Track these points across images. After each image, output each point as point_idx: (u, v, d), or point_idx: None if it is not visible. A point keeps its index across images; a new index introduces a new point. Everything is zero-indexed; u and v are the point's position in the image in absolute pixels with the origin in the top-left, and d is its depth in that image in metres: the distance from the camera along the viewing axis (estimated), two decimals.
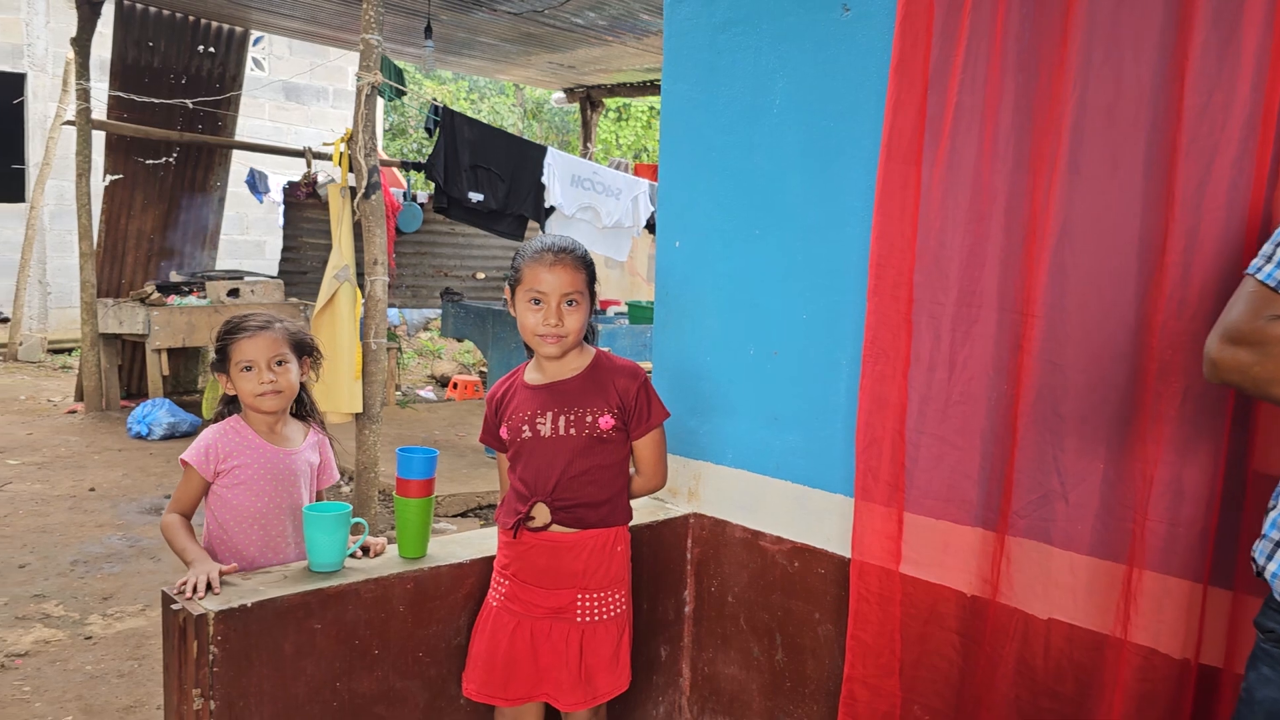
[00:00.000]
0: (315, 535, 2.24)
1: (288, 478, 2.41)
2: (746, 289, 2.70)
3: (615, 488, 2.28)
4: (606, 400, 2.23)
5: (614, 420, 2.22)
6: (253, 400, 2.37)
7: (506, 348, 6.79)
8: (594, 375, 2.26)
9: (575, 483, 2.23)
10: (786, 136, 2.59)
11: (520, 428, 2.26)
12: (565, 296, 2.19)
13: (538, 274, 2.21)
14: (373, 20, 4.65)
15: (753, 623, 2.70)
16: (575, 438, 2.22)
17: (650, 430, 2.28)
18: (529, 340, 2.27)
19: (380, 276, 4.82)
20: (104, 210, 8.25)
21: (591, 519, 2.24)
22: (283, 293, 8.17)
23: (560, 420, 2.22)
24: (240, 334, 2.38)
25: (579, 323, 2.21)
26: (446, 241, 9.61)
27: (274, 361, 2.37)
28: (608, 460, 2.25)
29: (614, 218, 6.09)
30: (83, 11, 7.31)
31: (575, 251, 2.26)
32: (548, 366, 2.29)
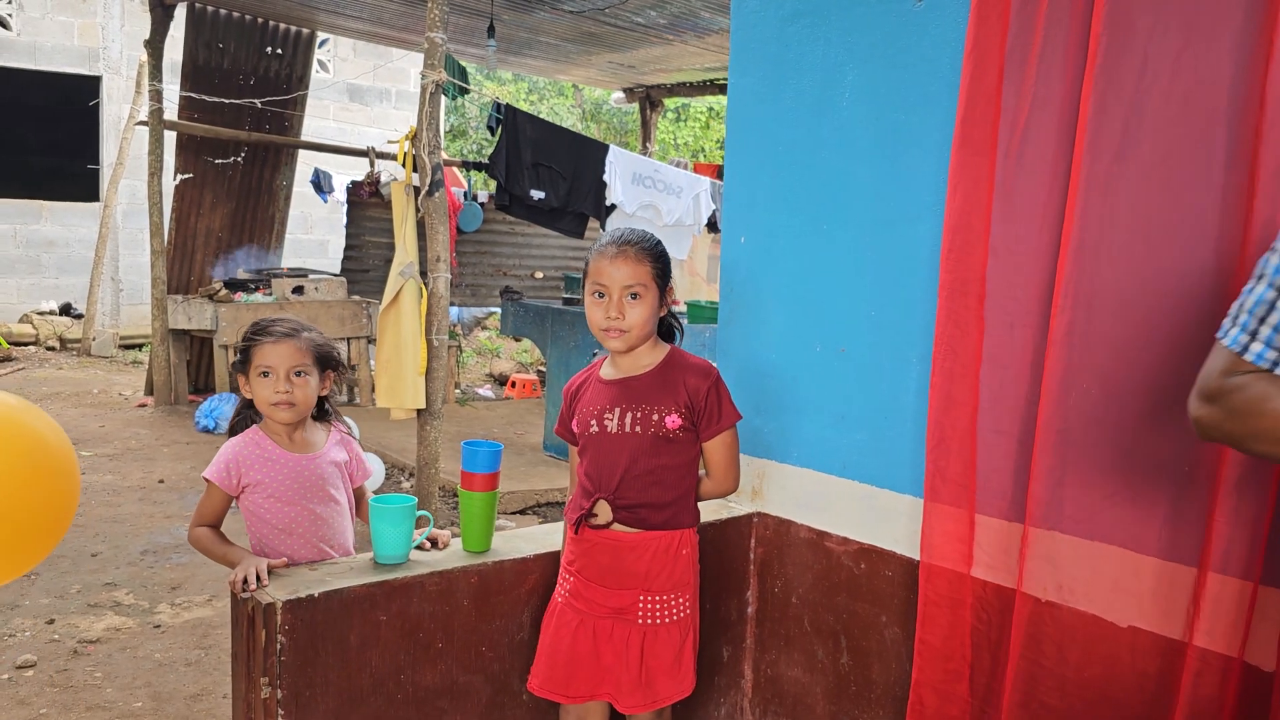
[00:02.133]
0: (381, 527, 2.24)
1: (314, 483, 2.39)
2: (814, 285, 2.66)
3: (681, 489, 2.25)
4: (675, 399, 2.20)
5: (681, 420, 2.19)
6: (266, 408, 2.34)
7: (565, 347, 6.80)
8: (665, 373, 2.23)
9: (639, 482, 2.20)
10: (856, 130, 2.55)
11: (589, 422, 2.24)
12: (627, 289, 2.16)
13: (600, 266, 2.19)
14: (437, 19, 4.68)
15: (817, 625, 2.65)
16: (641, 435, 2.19)
17: (720, 432, 2.24)
18: (595, 334, 2.25)
19: (443, 274, 4.85)
20: (174, 209, 8.43)
21: (655, 520, 2.22)
22: (346, 290, 8.27)
23: (627, 417, 2.20)
24: (264, 338, 2.34)
25: (642, 316, 2.18)
26: (506, 241, 9.67)
27: (293, 371, 2.33)
28: (674, 461, 2.22)
29: (675, 215, 6.06)
30: (156, 14, 7.48)
31: (642, 243, 2.22)
32: (620, 362, 2.26)
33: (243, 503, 2.35)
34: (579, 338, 6.69)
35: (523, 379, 9.58)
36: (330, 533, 2.39)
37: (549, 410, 7.03)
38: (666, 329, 2.33)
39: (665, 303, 2.26)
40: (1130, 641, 1.98)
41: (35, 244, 11.06)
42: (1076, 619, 2.04)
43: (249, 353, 2.35)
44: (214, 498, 2.32)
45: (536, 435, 7.53)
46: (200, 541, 2.31)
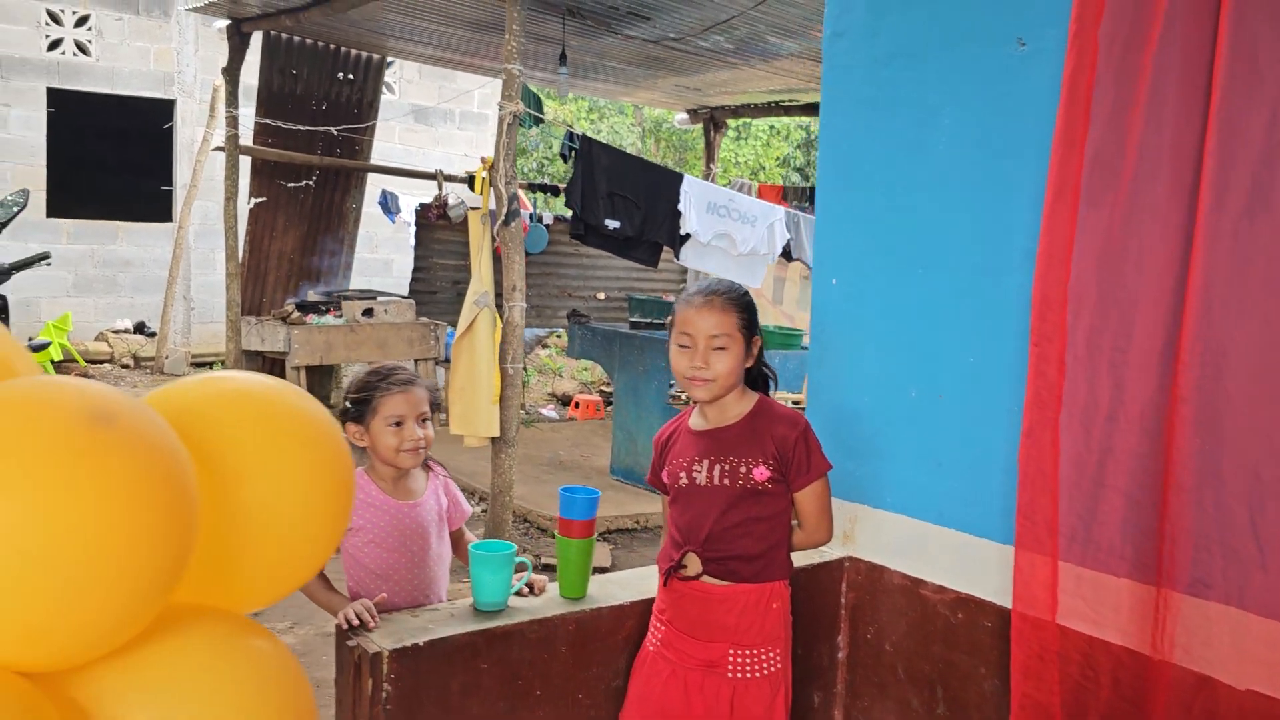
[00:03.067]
0: (481, 574, 2.26)
1: (416, 532, 2.41)
2: (908, 329, 2.63)
3: (771, 541, 2.23)
4: (763, 450, 2.18)
5: (770, 471, 2.17)
6: (394, 456, 2.36)
7: (634, 371, 6.81)
8: (752, 424, 2.22)
9: (728, 534, 2.19)
10: (952, 173, 2.52)
11: (678, 474, 2.24)
12: (713, 339, 2.16)
13: (687, 315, 2.19)
14: (514, 51, 4.73)
15: (912, 673, 2.62)
16: (729, 488, 2.18)
17: (810, 483, 2.22)
18: (680, 383, 2.25)
19: (519, 303, 4.88)
20: (248, 231, 8.60)
21: (745, 573, 2.20)
22: (414, 312, 8.37)
23: (715, 469, 2.19)
24: (392, 389, 2.37)
25: (727, 367, 2.17)
26: (571, 263, 9.72)
27: (421, 418, 2.38)
28: (764, 512, 2.20)
29: (749, 245, 6.06)
30: (233, 42, 7.65)
31: (729, 294, 2.22)
32: (708, 412, 2.26)
33: (344, 545, 2.38)
34: (647, 362, 6.70)
35: (586, 399, 9.61)
36: (428, 580, 2.41)
37: (616, 434, 7.04)
38: (760, 378, 2.32)
39: (752, 353, 2.24)
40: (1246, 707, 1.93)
41: (112, 264, 11.34)
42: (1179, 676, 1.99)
43: (373, 402, 2.37)
44: None
45: (603, 458, 7.54)
46: (307, 586, 2.34)
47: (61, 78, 10.78)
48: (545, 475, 6.99)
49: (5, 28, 10.42)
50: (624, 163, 5.81)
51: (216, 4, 7.03)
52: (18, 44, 10.50)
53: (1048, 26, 2.31)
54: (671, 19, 6.17)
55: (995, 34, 2.41)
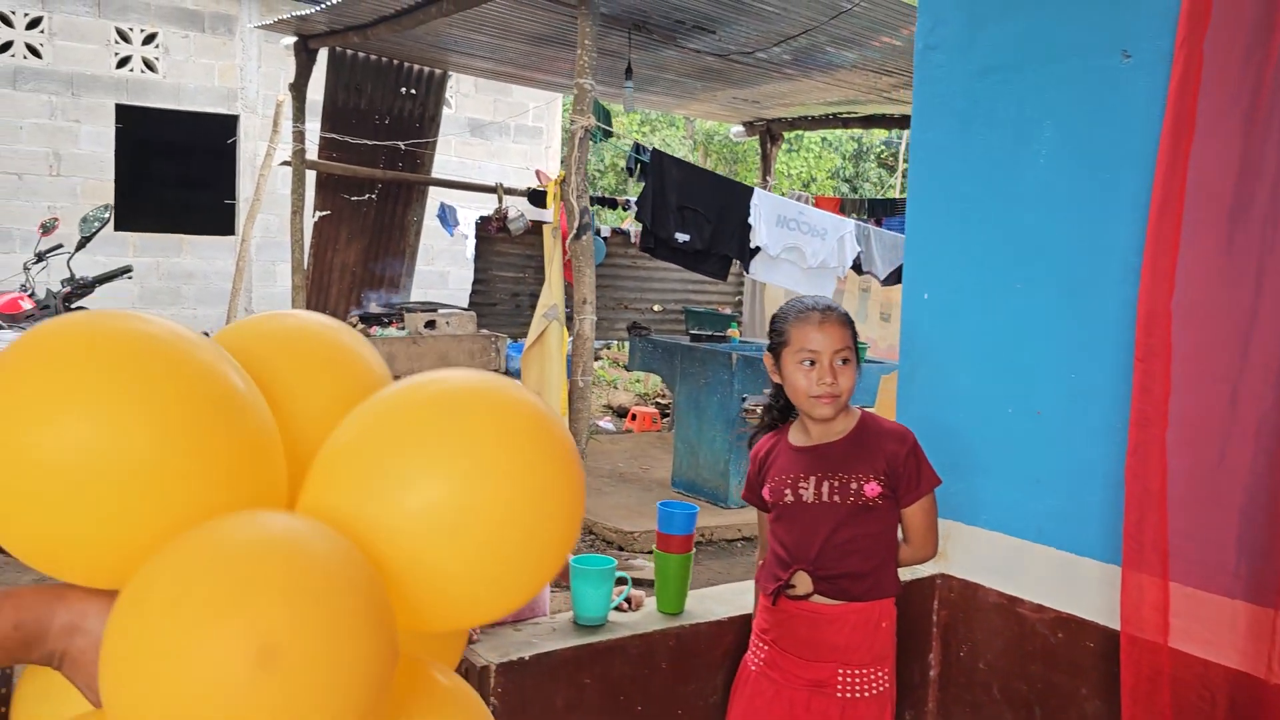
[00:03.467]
0: (582, 589, 2.26)
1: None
2: (1005, 345, 2.60)
3: (881, 557, 2.21)
4: (873, 465, 2.17)
5: (881, 487, 2.16)
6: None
7: (695, 384, 6.81)
8: (860, 438, 2.21)
9: (838, 551, 2.18)
10: (1053, 187, 2.50)
11: (783, 491, 2.23)
12: (837, 354, 2.15)
13: (807, 333, 2.18)
14: (586, 66, 4.77)
15: (1008, 693, 2.58)
16: (840, 505, 2.17)
17: (920, 498, 2.21)
18: (800, 403, 2.23)
19: (589, 315, 4.90)
20: (312, 244, 8.73)
21: (855, 590, 2.19)
22: (475, 324, 8.44)
23: (824, 486, 2.18)
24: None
25: (852, 381, 2.17)
26: (627, 275, 9.75)
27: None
28: (874, 529, 2.19)
29: (819, 258, 6.04)
30: (300, 59, 7.79)
31: (839, 309, 2.23)
32: (813, 428, 2.25)
33: None
34: (709, 374, 6.69)
35: (643, 411, 9.62)
36: (539, 597, 2.42)
37: (677, 447, 7.03)
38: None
39: (859, 369, 2.24)
40: None
41: (176, 276, 11.56)
42: None
43: None
44: None
45: (662, 470, 7.54)
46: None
47: (129, 94, 11.03)
48: (607, 488, 7.01)
49: (77, 46, 10.69)
50: (695, 176, 5.82)
51: (285, 21, 7.17)
52: (88, 62, 10.76)
53: (1153, 38, 2.28)
54: (736, 31, 6.18)
55: (1098, 46, 2.39)
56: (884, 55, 6.94)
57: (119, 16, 10.84)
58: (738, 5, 5.54)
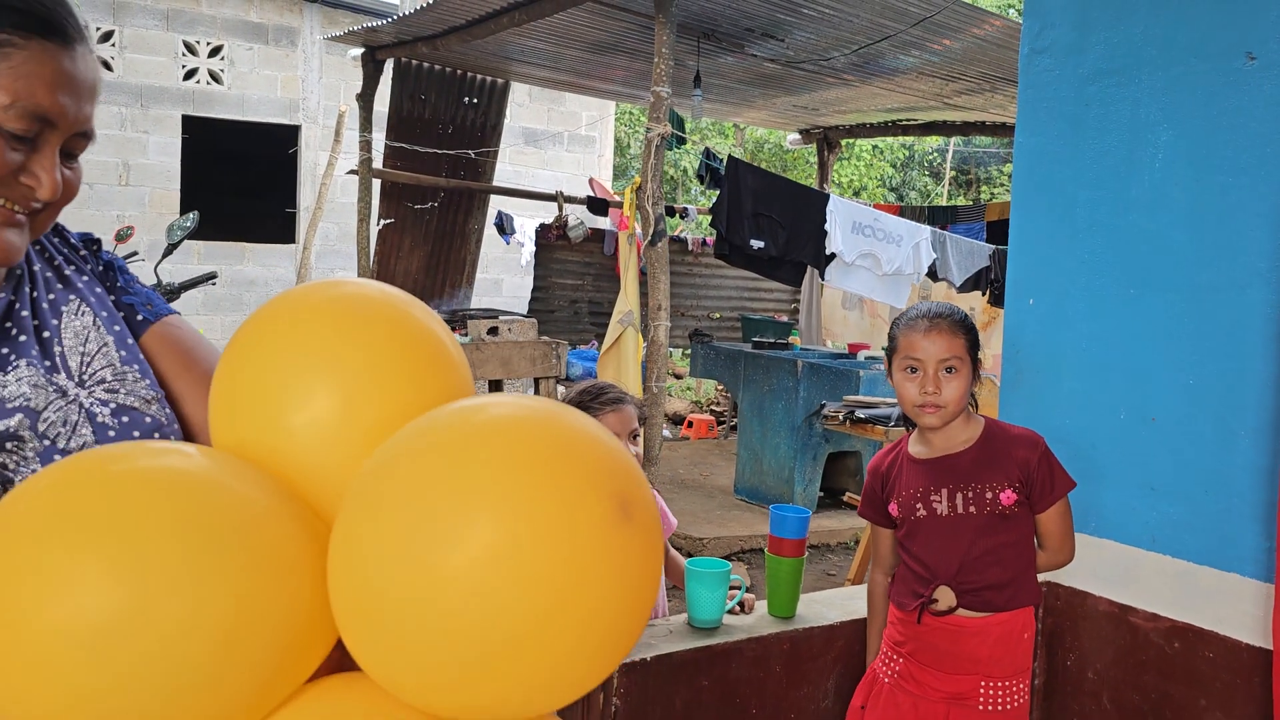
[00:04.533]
0: (699, 591, 2.27)
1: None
2: (1117, 351, 2.58)
3: (1020, 565, 2.19)
4: (1006, 473, 2.15)
5: (1016, 494, 2.14)
6: None
7: (759, 390, 6.80)
8: (989, 446, 2.19)
9: (979, 563, 2.15)
10: (1170, 193, 2.47)
11: (913, 505, 2.21)
12: (943, 363, 2.14)
13: (913, 340, 2.17)
14: (664, 74, 4.79)
15: (1120, 703, 2.55)
16: (976, 516, 2.15)
17: (1055, 501, 2.19)
18: (908, 411, 2.23)
19: (664, 321, 4.92)
20: (376, 251, 8.84)
21: (998, 601, 2.16)
22: (536, 331, 8.49)
23: (958, 497, 2.16)
24: (604, 408, 2.40)
25: (959, 391, 2.15)
26: (684, 281, 9.76)
27: (633, 435, 2.42)
28: (1012, 537, 2.17)
29: (894, 264, 6.01)
30: (367, 70, 7.89)
31: (953, 316, 2.21)
32: (933, 439, 2.23)
33: None
34: (773, 381, 6.68)
35: (699, 419, 9.62)
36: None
37: (740, 454, 7.02)
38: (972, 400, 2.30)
39: (978, 377, 2.22)
40: None
41: (239, 283, 11.76)
42: None
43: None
44: None
45: (722, 477, 7.53)
46: None
47: (195, 105, 11.25)
48: (669, 494, 7.01)
49: (146, 59, 10.92)
50: (770, 184, 5.83)
51: (354, 33, 7.27)
52: (156, 74, 10.99)
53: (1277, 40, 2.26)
54: (804, 37, 6.18)
55: (1219, 48, 2.36)
56: (945, 59, 6.89)
57: (186, 30, 11.06)
58: (806, 11, 5.54)
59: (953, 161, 19.18)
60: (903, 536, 2.24)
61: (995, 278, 6.42)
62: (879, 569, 2.35)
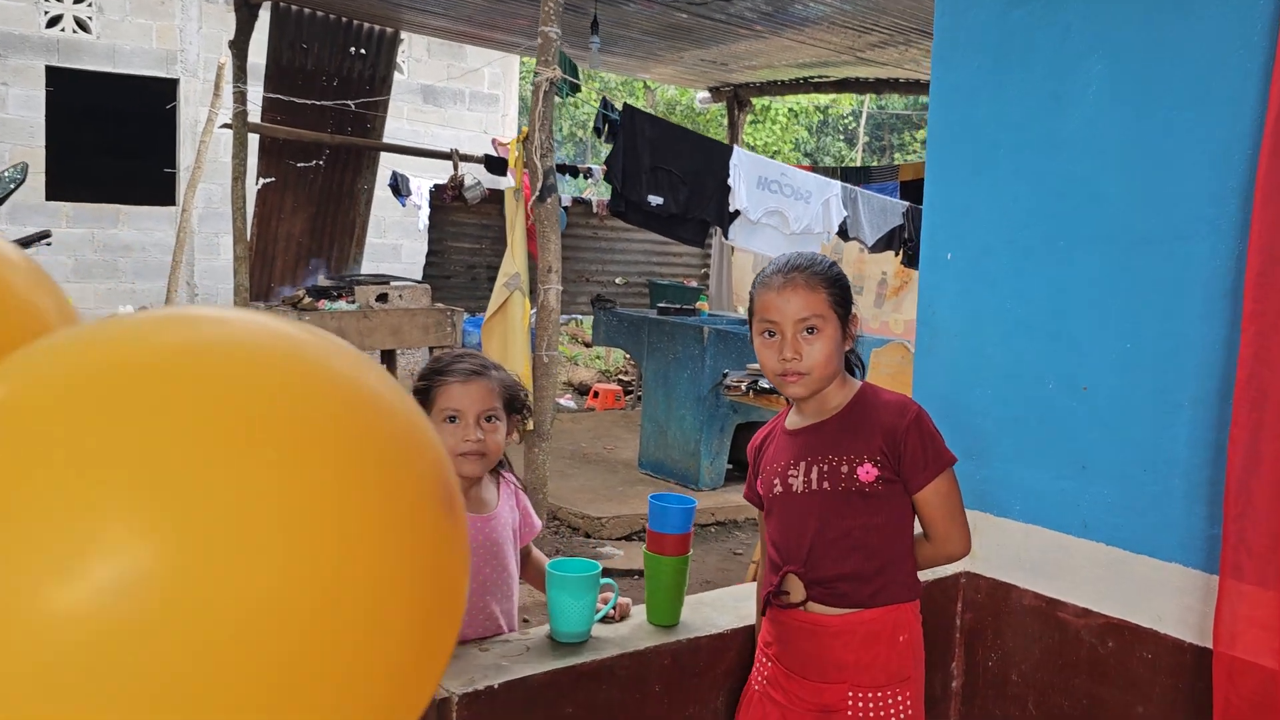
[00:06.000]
0: (562, 600, 1.91)
1: (491, 550, 2.02)
2: (1044, 312, 2.28)
3: (889, 555, 1.87)
4: (867, 444, 1.83)
5: (878, 470, 1.82)
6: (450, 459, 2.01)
7: (664, 359, 6.46)
8: (854, 414, 1.86)
9: (834, 549, 1.83)
10: (1104, 131, 2.16)
11: (772, 481, 1.91)
12: (802, 323, 1.80)
13: (767, 300, 1.84)
14: (552, 12, 4.37)
15: (1046, 708, 2.27)
16: (830, 492, 1.83)
17: (930, 480, 1.85)
18: (771, 381, 1.91)
19: (554, 285, 4.53)
20: (255, 213, 8.24)
21: (858, 596, 1.85)
22: (429, 297, 8.02)
23: (813, 471, 1.84)
24: (450, 377, 1.97)
25: (824, 354, 1.81)
26: (588, 246, 9.36)
27: (484, 416, 1.97)
28: (876, 519, 1.84)
29: (803, 223, 5.67)
30: (241, 15, 7.28)
31: (812, 268, 1.86)
32: (805, 408, 1.91)
33: None
34: (679, 350, 6.35)
35: (605, 389, 9.27)
36: (501, 608, 2.05)
37: (645, 425, 6.69)
38: (853, 363, 1.97)
39: (850, 334, 1.88)
40: None
41: (112, 248, 10.98)
42: None
43: (430, 394, 1.97)
44: None
45: (628, 450, 7.20)
46: None
47: (61, 56, 10.40)
48: (570, 469, 6.66)
49: (2, 3, 10.03)
50: (669, 134, 5.42)
51: None
52: (16, 20, 10.11)
53: None
54: None
55: None
56: (857, 7, 6.56)
57: None
58: None
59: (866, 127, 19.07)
60: (765, 517, 1.96)
61: (909, 237, 6.13)
62: (763, 549, 2.04)
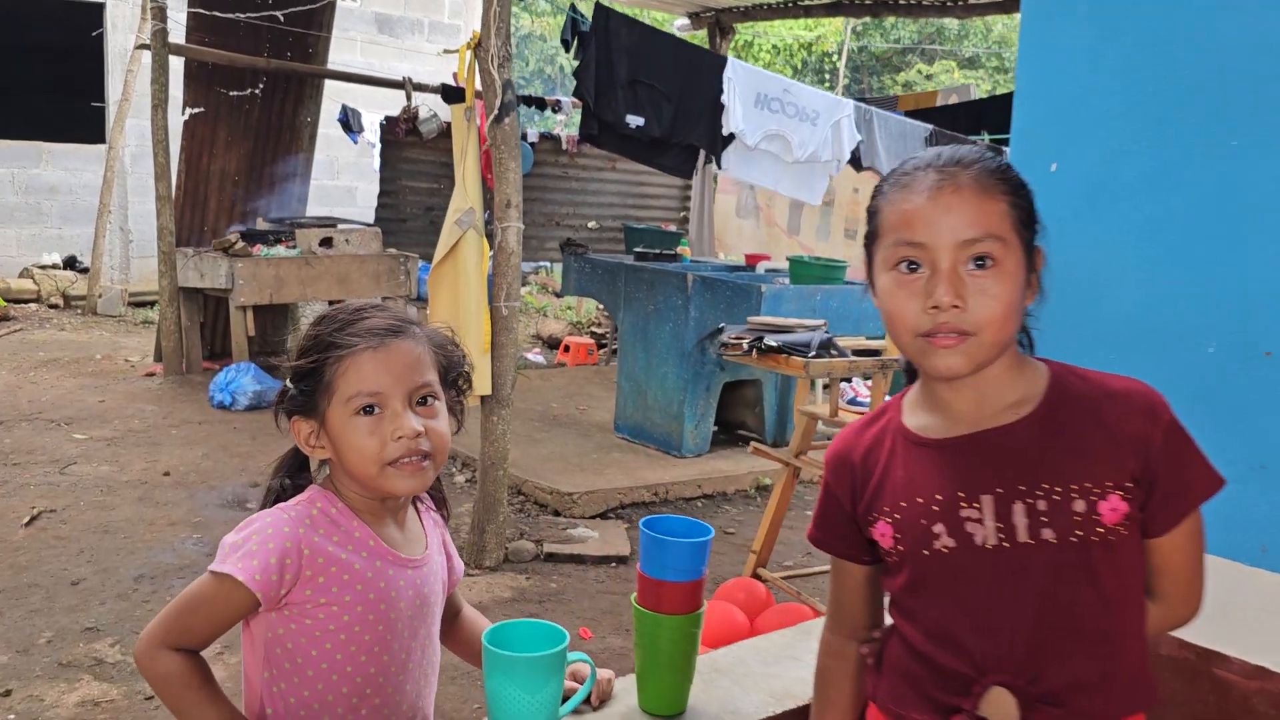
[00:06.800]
0: (509, 694, 1.21)
1: (418, 611, 1.30)
2: (1202, 244, 1.58)
3: (1126, 637, 1.15)
4: (1108, 462, 1.10)
5: (1127, 505, 1.11)
6: (373, 472, 1.21)
7: (642, 310, 5.74)
8: (1063, 413, 1.13)
9: (1068, 639, 1.11)
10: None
11: (919, 528, 1.15)
12: (969, 248, 1.09)
13: (909, 210, 1.12)
14: None
15: None
16: (1058, 546, 1.10)
17: (1187, 514, 1.15)
18: (904, 347, 1.16)
19: (514, 223, 3.79)
20: (183, 149, 7.38)
21: (1095, 709, 1.12)
22: (381, 242, 7.24)
23: (1017, 510, 1.11)
24: (353, 343, 1.22)
25: (1004, 302, 1.09)
26: (558, 187, 8.58)
27: (417, 397, 1.24)
28: (1114, 584, 1.12)
29: (808, 149, 4.89)
30: None
31: (982, 163, 1.13)
32: (955, 400, 1.16)
33: (268, 632, 1.27)
34: (659, 300, 5.63)
35: (577, 343, 8.53)
36: (418, 694, 1.33)
37: (621, 384, 5.98)
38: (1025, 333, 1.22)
39: (1033, 282, 1.16)
40: None
41: (36, 190, 10.07)
42: None
43: (323, 374, 1.23)
44: (222, 602, 1.20)
45: (602, 412, 6.49)
46: (172, 682, 1.23)
47: None
48: (538, 433, 5.95)
49: None
50: (651, 41, 4.58)
51: None
52: None
53: None
54: None
55: None
56: None
57: None
58: None
59: (846, 69, 18.24)
60: (903, 588, 1.19)
61: None
62: (839, 629, 1.31)
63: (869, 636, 1.27)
